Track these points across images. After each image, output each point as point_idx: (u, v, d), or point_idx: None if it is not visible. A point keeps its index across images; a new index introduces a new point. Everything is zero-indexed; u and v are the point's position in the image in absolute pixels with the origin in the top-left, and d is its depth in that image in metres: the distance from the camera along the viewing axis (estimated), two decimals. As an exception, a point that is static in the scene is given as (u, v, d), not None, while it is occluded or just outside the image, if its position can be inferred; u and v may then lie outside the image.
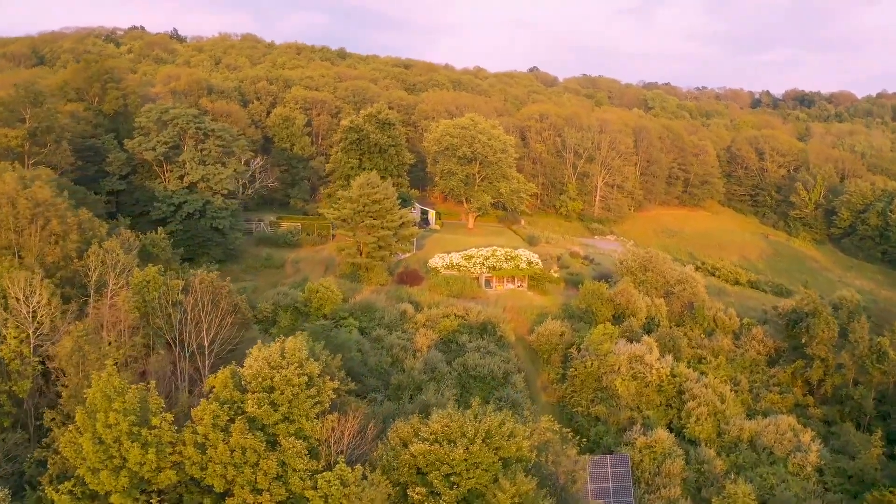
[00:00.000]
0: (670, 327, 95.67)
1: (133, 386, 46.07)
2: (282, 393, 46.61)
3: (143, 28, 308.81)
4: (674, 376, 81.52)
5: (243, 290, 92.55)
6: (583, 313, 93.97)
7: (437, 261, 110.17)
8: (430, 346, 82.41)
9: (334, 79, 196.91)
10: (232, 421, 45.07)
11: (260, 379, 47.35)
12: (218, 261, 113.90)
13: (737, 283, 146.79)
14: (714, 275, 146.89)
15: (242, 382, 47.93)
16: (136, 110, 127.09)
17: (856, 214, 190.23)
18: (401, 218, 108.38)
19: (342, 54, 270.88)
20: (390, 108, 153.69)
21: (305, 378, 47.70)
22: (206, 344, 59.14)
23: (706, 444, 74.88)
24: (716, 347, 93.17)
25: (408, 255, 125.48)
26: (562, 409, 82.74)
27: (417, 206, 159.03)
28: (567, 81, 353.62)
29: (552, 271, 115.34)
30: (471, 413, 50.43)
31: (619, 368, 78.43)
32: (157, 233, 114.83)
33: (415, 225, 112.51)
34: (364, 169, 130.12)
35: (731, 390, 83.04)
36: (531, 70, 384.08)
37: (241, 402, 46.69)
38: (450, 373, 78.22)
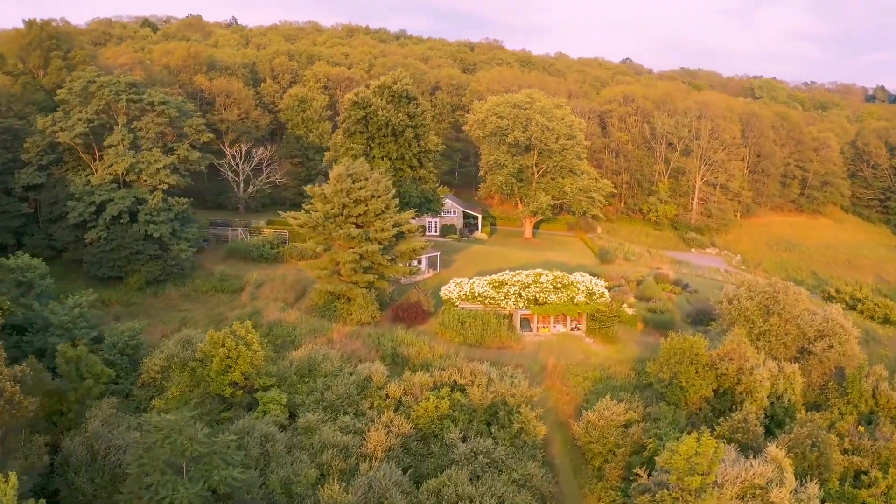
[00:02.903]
0: (806, 412, 57.52)
1: None
2: None
3: (199, 16, 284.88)
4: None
5: (128, 335, 60.17)
6: (665, 386, 57.05)
7: (451, 289, 74.91)
8: (387, 451, 47.36)
9: (373, 55, 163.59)
10: None
11: None
12: (153, 280, 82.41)
13: (886, 320, 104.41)
14: (855, 308, 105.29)
15: None
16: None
17: None
18: (395, 226, 73.57)
19: (401, 37, 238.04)
20: (419, 80, 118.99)
21: None
22: None
23: None
24: (884, 451, 53.93)
25: (424, 276, 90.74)
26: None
27: (457, 208, 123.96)
28: (662, 73, 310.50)
29: (625, 305, 78.40)
30: None
31: (724, 512, 41.57)
32: (78, 241, 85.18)
33: (421, 234, 77.10)
34: (373, 158, 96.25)
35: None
36: (623, 61, 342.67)
37: None
38: (410, 511, 43.29)
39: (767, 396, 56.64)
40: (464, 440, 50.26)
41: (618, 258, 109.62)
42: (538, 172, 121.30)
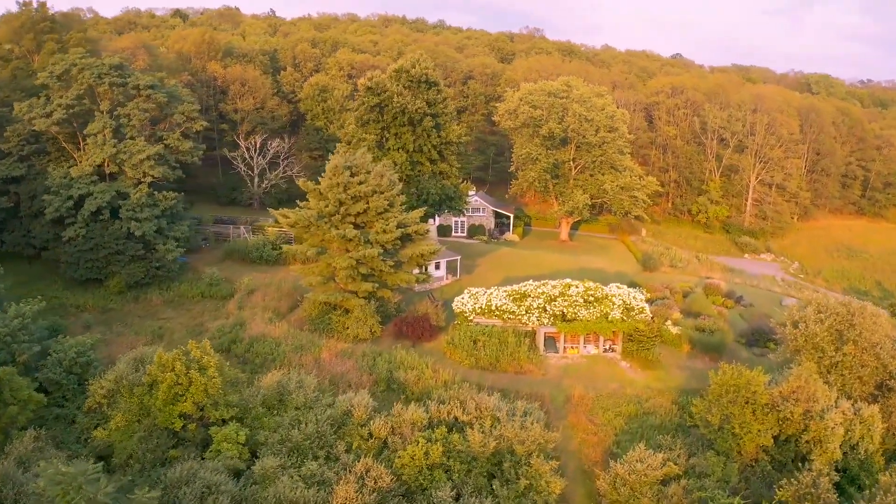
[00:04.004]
0: (887, 463, 46.04)
1: None
2: None
3: (236, 8, 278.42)
4: None
5: (76, 351, 51.43)
6: (714, 432, 46.06)
7: (465, 300, 64.48)
8: (357, 516, 37.37)
9: (403, 44, 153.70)
10: None
11: None
12: (135, 284, 73.91)
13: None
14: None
15: None
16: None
17: None
18: (400, 226, 63.49)
19: (439, 27, 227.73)
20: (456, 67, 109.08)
21: None
22: None
23: None
24: None
25: (442, 283, 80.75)
26: None
27: (487, 207, 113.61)
28: (713, 67, 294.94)
29: (668, 322, 67.22)
30: None
31: None
32: (57, 239, 76.84)
33: (427, 235, 66.84)
34: (388, 150, 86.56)
35: None
36: (673, 56, 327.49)
37: None
38: None
39: (840, 446, 45.28)
40: (457, 498, 40.04)
41: (663, 265, 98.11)
42: (575, 168, 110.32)
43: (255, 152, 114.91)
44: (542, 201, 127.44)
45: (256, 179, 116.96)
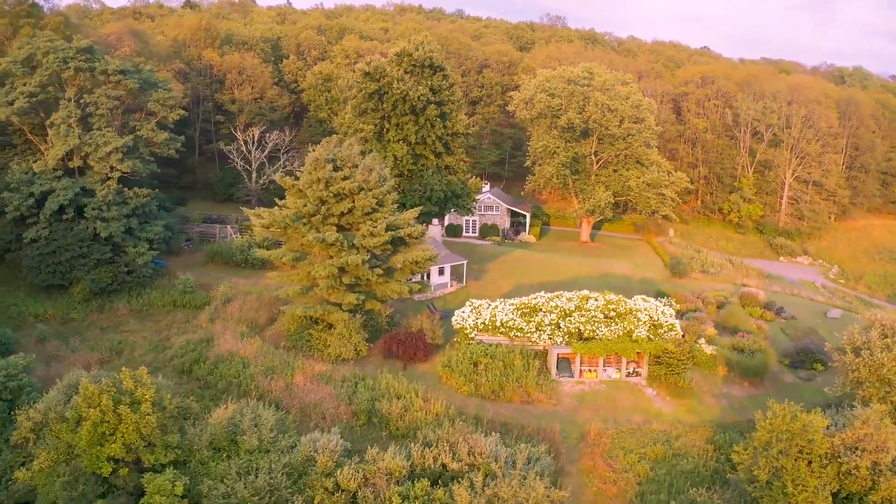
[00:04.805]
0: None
1: None
2: None
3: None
4: None
5: (4, 375, 43.80)
6: (761, 489, 37.25)
7: (466, 314, 56.06)
8: None
9: (415, 31, 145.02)
10: None
11: None
12: (102, 290, 66.38)
13: None
14: None
15: None
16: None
17: None
18: (391, 229, 55.20)
19: (457, 17, 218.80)
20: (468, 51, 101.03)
21: None
22: None
23: None
24: None
25: (446, 290, 72.52)
26: None
27: (501, 205, 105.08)
28: (743, 59, 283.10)
29: (701, 341, 58.37)
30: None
31: None
32: (19, 240, 69.41)
33: (422, 238, 58.31)
34: (388, 141, 78.43)
35: None
36: (702, 48, 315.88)
37: None
38: None
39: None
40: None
41: (693, 270, 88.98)
42: (597, 163, 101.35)
43: (252, 146, 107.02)
44: (562, 199, 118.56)
45: (255, 175, 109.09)
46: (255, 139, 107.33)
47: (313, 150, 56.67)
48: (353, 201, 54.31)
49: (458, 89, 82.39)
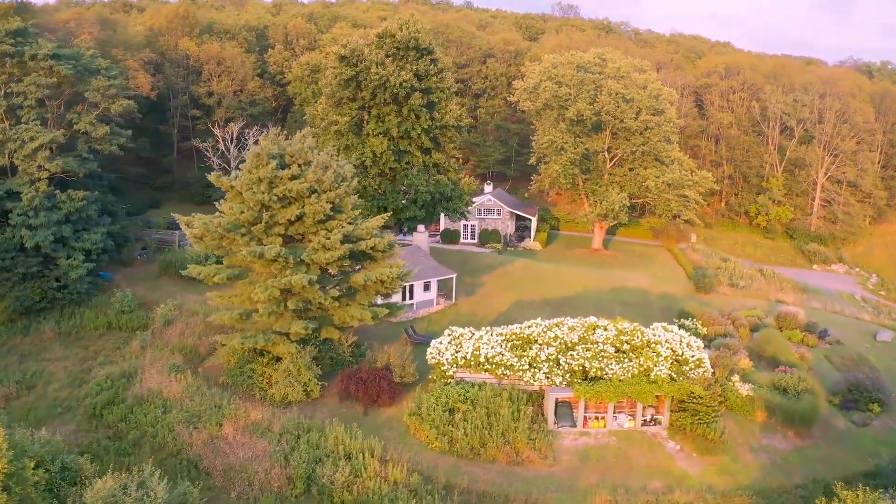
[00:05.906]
0: None
1: None
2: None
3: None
4: None
5: None
6: None
7: (444, 346, 45.39)
8: None
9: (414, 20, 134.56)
10: None
11: None
12: (30, 309, 56.53)
13: None
14: None
15: None
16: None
17: None
18: (349, 240, 44.62)
19: (465, 8, 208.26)
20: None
21: None
22: None
23: None
24: None
25: (431, 309, 62.04)
26: None
27: (503, 208, 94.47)
28: (764, 54, 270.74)
29: (735, 378, 47.35)
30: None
31: None
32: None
33: (390, 251, 47.45)
34: (366, 135, 68.05)
35: None
36: (724, 42, 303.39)
37: None
38: None
39: None
40: None
41: (720, 283, 77.94)
42: (611, 160, 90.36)
43: (231, 142, 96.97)
44: (573, 200, 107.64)
45: (234, 173, 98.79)
46: (234, 135, 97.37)
47: (255, 145, 46.34)
48: (303, 206, 43.82)
49: (450, 75, 71.70)
